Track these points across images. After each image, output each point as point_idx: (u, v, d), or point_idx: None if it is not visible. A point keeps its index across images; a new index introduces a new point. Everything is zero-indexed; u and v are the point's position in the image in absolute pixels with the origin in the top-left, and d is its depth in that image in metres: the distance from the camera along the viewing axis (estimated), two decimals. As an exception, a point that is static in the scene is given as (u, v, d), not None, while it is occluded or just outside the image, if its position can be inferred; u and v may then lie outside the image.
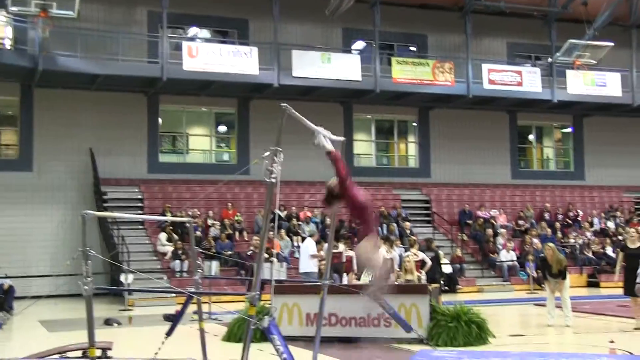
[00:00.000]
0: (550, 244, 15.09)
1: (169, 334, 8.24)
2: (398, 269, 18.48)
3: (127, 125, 24.70)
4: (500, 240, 25.10)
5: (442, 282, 19.27)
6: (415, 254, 18.14)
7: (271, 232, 16.05)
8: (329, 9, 23.67)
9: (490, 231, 25.56)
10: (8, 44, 23.64)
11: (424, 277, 17.70)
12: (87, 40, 22.87)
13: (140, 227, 23.24)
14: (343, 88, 25.60)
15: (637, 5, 28.39)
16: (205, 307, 13.30)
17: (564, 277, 13.84)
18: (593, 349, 10.70)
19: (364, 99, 26.80)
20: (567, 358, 9.83)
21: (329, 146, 6.84)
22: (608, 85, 28.31)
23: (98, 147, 23.96)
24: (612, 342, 10.07)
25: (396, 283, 13.09)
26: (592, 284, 24.31)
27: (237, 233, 23.60)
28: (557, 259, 13.92)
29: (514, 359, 9.68)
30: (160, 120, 25.72)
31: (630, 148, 30.99)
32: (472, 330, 10.76)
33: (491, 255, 24.70)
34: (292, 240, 23.13)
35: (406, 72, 25.98)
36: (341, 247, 19.78)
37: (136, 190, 24.51)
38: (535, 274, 19.41)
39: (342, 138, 7.85)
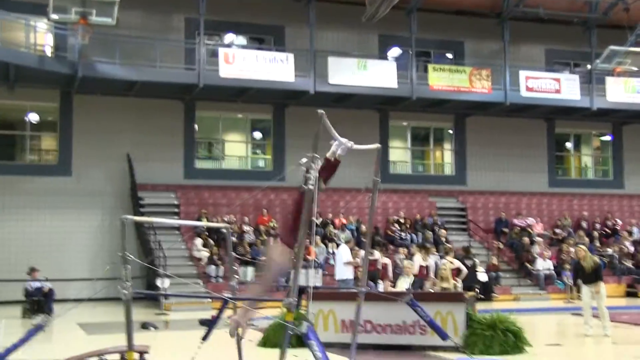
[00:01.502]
0: (582, 246, 15.12)
1: (205, 338, 8.27)
2: (434, 277, 18.46)
3: (164, 132, 24.91)
4: (536, 248, 24.80)
5: (477, 290, 19.13)
6: (451, 262, 18.12)
7: (307, 239, 16.06)
8: (366, 15, 23.61)
9: (526, 239, 25.28)
10: (49, 51, 24.05)
11: (460, 285, 17.66)
12: (125, 47, 23.13)
13: (177, 232, 23.38)
14: (379, 95, 25.54)
15: (680, 11, 27.89)
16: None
17: (600, 278, 13.58)
18: (633, 360, 10.54)
19: (400, 106, 26.70)
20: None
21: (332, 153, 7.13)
22: (649, 92, 27.80)
23: (135, 153, 24.19)
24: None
25: (432, 290, 13.02)
26: (631, 294, 23.91)
27: (272, 239, 23.66)
28: (591, 258, 13.75)
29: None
30: (196, 126, 25.90)
31: (671, 156, 30.47)
32: (509, 339, 10.62)
33: (527, 263, 24.43)
34: (326, 247, 23.12)
35: (443, 79, 25.82)
36: (377, 254, 19.78)
37: (172, 195, 24.69)
38: (572, 283, 19.20)
39: (377, 145, 7.85)
